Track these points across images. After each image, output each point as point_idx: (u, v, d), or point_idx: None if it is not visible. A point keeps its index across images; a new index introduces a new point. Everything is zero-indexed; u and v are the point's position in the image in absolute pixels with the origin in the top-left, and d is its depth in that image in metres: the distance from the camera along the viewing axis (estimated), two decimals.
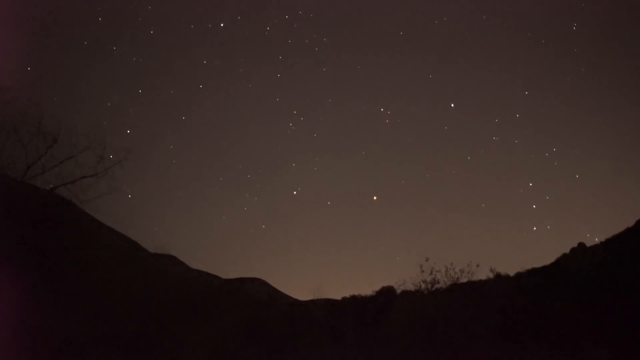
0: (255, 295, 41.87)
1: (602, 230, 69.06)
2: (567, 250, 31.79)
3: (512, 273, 31.91)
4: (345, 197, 71.30)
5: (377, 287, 36.43)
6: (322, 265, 61.45)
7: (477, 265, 30.68)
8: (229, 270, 72.32)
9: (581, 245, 31.61)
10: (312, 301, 40.22)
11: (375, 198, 62.85)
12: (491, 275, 31.16)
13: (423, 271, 31.03)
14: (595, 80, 64.38)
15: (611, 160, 61.49)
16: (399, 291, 33.44)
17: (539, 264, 32.13)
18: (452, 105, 64.41)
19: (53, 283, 25.10)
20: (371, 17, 69.52)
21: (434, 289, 30.71)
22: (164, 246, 38.47)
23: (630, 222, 30.51)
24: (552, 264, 31.45)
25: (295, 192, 66.20)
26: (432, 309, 29.23)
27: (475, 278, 30.54)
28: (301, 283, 70.78)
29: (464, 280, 30.48)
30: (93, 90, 62.89)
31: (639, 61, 63.05)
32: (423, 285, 31.03)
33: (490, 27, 66.43)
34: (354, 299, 36.80)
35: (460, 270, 30.55)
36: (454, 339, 27.33)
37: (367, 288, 41.80)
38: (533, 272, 31.46)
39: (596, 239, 32.50)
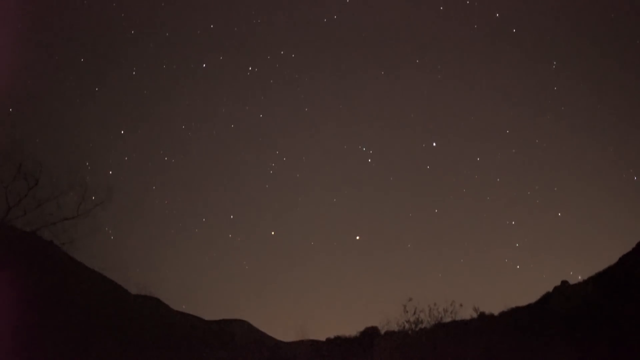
0: (239, 337, 41.50)
1: (585, 267, 69.43)
2: (551, 289, 31.91)
3: (496, 312, 31.99)
4: (328, 237, 71.08)
5: (361, 328, 36.39)
6: (306, 306, 60.89)
7: (461, 305, 30.56)
8: (212, 311, 71.39)
9: (564, 283, 31.75)
10: (296, 342, 39.97)
11: (358, 238, 62.58)
12: (475, 315, 31.14)
13: (407, 311, 30.85)
14: (576, 120, 65.39)
15: (593, 199, 62.01)
16: (383, 331, 33.28)
17: (523, 302, 32.28)
18: (434, 144, 64.80)
19: (35, 325, 24.78)
20: (353, 57, 70.40)
21: (418, 328, 30.52)
22: (146, 288, 38.00)
23: (613, 260, 30.77)
24: (536, 302, 31.54)
25: (274, 233, 65.93)
26: (417, 349, 29.08)
27: (459, 317, 30.41)
28: (285, 324, 70.01)
29: (447, 319, 30.34)
30: (75, 131, 62.76)
31: (618, 103, 64.15)
32: (407, 325, 30.82)
33: (472, 66, 67.50)
34: (338, 339, 36.63)
35: (444, 309, 30.41)
36: None
37: (351, 328, 41.50)
38: (517, 311, 31.52)
39: (579, 277, 32.69)
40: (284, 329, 69.05)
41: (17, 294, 23.68)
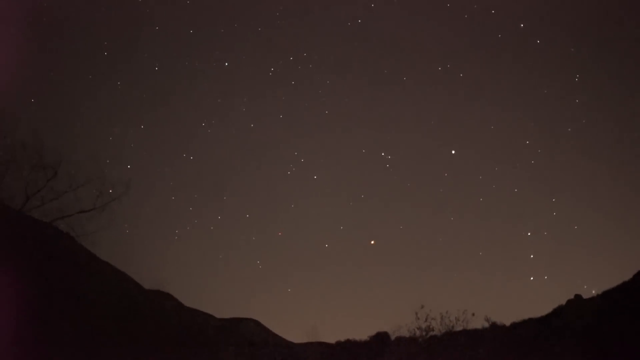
0: (249, 336, 41.57)
1: (600, 282, 68.67)
2: (564, 302, 31.68)
3: (507, 323, 31.79)
4: (343, 240, 70.82)
5: (372, 332, 36.30)
6: (318, 308, 60.82)
7: (473, 314, 30.52)
8: (223, 309, 71.54)
9: (578, 297, 31.49)
10: (306, 344, 39.96)
11: (373, 242, 62.48)
12: (486, 325, 31.03)
13: (418, 318, 30.86)
14: (596, 134, 64.82)
15: (610, 213, 61.39)
16: (393, 337, 33.25)
17: (535, 314, 32.02)
18: (453, 152, 64.51)
19: (48, 316, 24.98)
20: (375, 62, 70.27)
21: (428, 336, 30.48)
22: (159, 283, 38.23)
23: (628, 276, 30.46)
24: (548, 315, 31.32)
25: (288, 233, 65.86)
26: (427, 356, 29.02)
27: (470, 327, 30.36)
28: (296, 325, 69.90)
29: (459, 328, 30.29)
30: (94, 124, 63.25)
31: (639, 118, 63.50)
32: (418, 332, 30.81)
33: (492, 75, 67.11)
34: (348, 343, 36.59)
35: (455, 318, 30.39)
36: None
37: (361, 332, 41.40)
38: (529, 322, 31.31)
39: (593, 291, 32.47)
40: (294, 330, 69.09)
41: (31, 283, 23.92)
